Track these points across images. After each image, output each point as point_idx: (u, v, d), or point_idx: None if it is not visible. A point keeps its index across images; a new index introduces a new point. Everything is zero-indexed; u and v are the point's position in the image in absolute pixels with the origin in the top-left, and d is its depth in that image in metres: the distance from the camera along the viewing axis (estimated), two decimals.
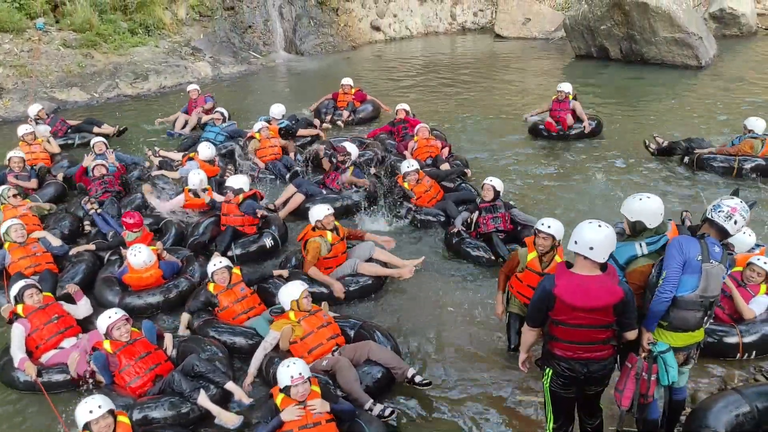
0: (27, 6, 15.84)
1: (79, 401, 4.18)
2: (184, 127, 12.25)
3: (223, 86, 16.59)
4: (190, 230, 7.83)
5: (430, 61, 19.70)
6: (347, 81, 13.01)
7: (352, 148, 9.01)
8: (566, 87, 11.17)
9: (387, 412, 4.75)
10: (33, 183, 9.18)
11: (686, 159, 9.48)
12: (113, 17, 17.18)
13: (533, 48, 21.20)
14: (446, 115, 13.21)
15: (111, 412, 4.09)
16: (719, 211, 3.89)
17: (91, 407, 4.01)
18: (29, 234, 7.12)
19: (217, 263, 6.07)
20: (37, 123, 11.50)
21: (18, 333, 5.47)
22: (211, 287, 6.03)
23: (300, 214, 8.23)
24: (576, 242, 3.72)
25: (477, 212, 7.38)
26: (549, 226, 5.21)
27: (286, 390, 4.32)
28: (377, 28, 23.71)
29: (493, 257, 7.06)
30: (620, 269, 4.12)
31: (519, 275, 5.31)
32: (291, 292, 5.35)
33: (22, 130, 10.24)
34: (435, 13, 25.23)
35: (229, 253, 7.41)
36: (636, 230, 4.21)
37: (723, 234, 3.92)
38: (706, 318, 3.95)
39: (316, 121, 12.18)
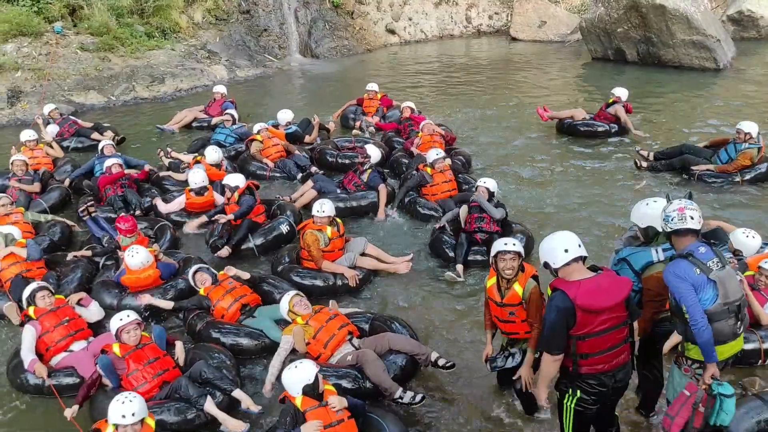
0: (45, 10, 15.99)
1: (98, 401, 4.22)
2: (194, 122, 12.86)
3: (239, 89, 16.63)
4: (207, 233, 7.90)
5: (446, 64, 19.64)
6: (373, 87, 12.64)
7: (373, 152, 9.04)
8: (617, 91, 11.09)
9: (417, 398, 4.82)
10: (36, 187, 9.13)
11: (684, 177, 9.08)
12: (130, 21, 17.31)
13: (549, 51, 21.05)
14: (461, 116, 13.15)
15: (141, 422, 4.09)
16: (671, 219, 3.82)
17: (125, 413, 4.01)
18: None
19: (191, 269, 6.29)
20: (47, 123, 11.63)
21: (29, 335, 5.49)
22: (201, 291, 6.13)
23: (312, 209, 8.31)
24: (566, 250, 3.68)
25: (467, 210, 7.39)
26: (514, 244, 4.41)
27: (315, 384, 4.24)
28: (392, 32, 23.69)
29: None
30: (635, 275, 4.10)
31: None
32: (283, 308, 5.56)
33: (25, 135, 10.27)
34: (450, 16, 25.15)
35: (249, 245, 7.53)
36: (649, 236, 4.17)
37: (694, 233, 3.83)
38: (739, 323, 3.80)
39: (331, 125, 12.12)
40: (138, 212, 8.46)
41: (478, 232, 7.18)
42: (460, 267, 6.92)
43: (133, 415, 4.01)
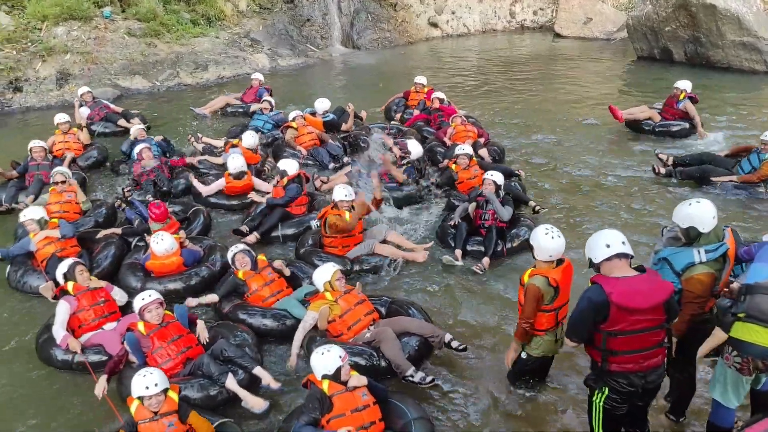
0: None
1: (125, 377, 4.35)
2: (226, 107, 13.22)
3: (280, 78, 16.85)
4: (244, 217, 8.10)
5: (487, 59, 19.53)
6: (420, 80, 12.65)
7: (414, 148, 9.01)
8: (682, 84, 10.83)
9: (427, 379, 4.93)
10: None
11: (705, 189, 8.64)
12: (176, 8, 17.67)
13: (594, 48, 20.75)
14: (500, 111, 13.09)
15: (164, 391, 4.24)
16: None
17: (148, 384, 4.18)
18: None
19: (234, 248, 6.31)
20: (81, 105, 11.92)
21: (63, 310, 5.63)
22: (240, 274, 6.17)
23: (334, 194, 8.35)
24: (608, 245, 3.67)
25: (474, 204, 7.41)
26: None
27: (336, 375, 4.31)
28: (434, 25, 23.61)
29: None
30: (676, 276, 4.07)
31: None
32: (323, 275, 5.56)
33: (59, 118, 10.39)
34: (494, 11, 24.95)
35: (276, 233, 7.69)
36: (690, 237, 4.12)
37: None
38: None
39: (363, 113, 12.11)
40: (165, 190, 8.65)
41: (482, 227, 7.28)
42: (458, 252, 7.09)
43: (155, 385, 4.18)
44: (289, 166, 8.18)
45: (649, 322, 3.57)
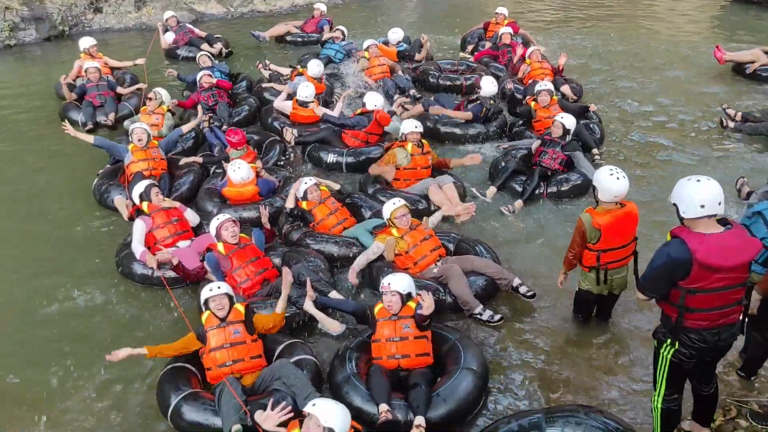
0: None
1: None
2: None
3: (352, 8, 16.59)
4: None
5: None
6: (501, 10, 12.02)
7: (486, 85, 8.73)
8: None
9: (496, 317, 5.02)
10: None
11: None
12: None
13: None
14: (582, 49, 12.57)
15: (228, 296, 4.52)
16: None
17: (212, 287, 4.52)
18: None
19: (306, 182, 6.35)
20: (165, 30, 12.03)
21: (139, 228, 5.89)
22: (304, 205, 6.27)
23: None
24: (703, 206, 3.34)
25: (539, 142, 7.26)
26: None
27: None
28: None
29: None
30: None
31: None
32: (386, 212, 5.63)
33: (86, 42, 10.30)
34: None
35: (307, 150, 7.95)
36: None
37: None
38: None
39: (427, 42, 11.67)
40: (224, 126, 8.53)
41: (538, 165, 7.10)
42: (491, 189, 7.03)
43: (219, 288, 4.51)
44: (370, 100, 8.16)
45: (731, 280, 3.36)
